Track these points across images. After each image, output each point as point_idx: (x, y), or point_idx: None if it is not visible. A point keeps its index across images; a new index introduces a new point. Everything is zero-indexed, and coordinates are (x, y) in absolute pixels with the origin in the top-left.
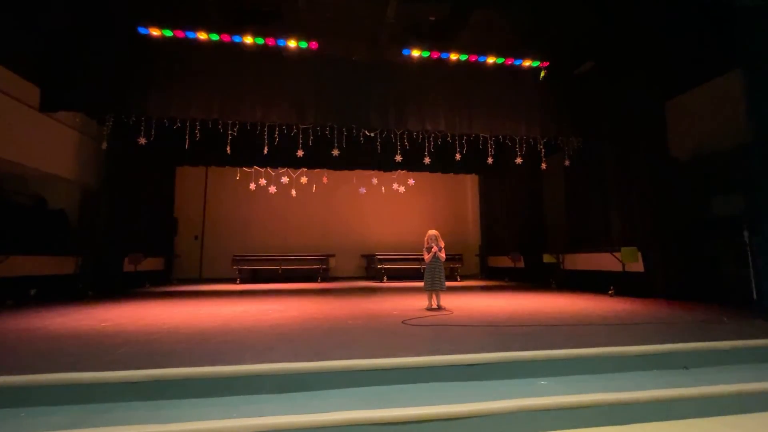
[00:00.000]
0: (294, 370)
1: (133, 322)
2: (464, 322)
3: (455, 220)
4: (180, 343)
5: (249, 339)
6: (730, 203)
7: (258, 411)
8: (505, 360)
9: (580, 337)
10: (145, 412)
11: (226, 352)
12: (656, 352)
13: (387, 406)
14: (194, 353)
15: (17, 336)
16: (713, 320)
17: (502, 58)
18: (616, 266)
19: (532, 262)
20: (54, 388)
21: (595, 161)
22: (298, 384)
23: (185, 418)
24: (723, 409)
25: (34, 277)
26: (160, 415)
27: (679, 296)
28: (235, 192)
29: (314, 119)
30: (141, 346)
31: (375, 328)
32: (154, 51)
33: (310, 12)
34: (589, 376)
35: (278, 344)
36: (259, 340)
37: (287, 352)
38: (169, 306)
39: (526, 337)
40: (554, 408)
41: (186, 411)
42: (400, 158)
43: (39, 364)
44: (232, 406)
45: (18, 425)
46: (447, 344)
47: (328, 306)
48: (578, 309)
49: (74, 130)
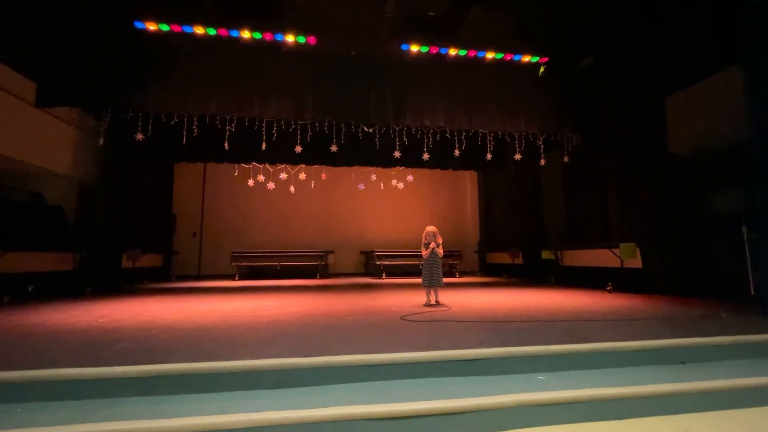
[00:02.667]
0: (293, 366)
1: (131, 318)
2: (462, 318)
3: (454, 217)
4: (178, 339)
5: (247, 335)
6: (728, 199)
7: (257, 406)
8: (504, 355)
9: (578, 332)
10: (143, 407)
11: (224, 348)
12: (654, 348)
13: (385, 401)
14: (192, 349)
15: (14, 332)
16: (711, 316)
17: (502, 54)
18: (614, 262)
19: (530, 259)
20: (51, 383)
21: (594, 157)
22: (296, 379)
23: (184, 413)
24: (720, 403)
25: (31, 273)
26: (158, 411)
27: (677, 292)
28: (233, 188)
29: (312, 115)
30: (139, 342)
31: (373, 323)
32: (151, 46)
33: (308, 6)
34: (587, 371)
35: (277, 340)
36: (257, 335)
37: (286, 347)
38: (168, 302)
39: (524, 333)
40: (552, 403)
41: (184, 406)
42: (398, 154)
43: (36, 360)
44: (230, 402)
45: (14, 421)
46: (445, 340)
47: (326, 302)
48: (576, 305)
49: (71, 126)
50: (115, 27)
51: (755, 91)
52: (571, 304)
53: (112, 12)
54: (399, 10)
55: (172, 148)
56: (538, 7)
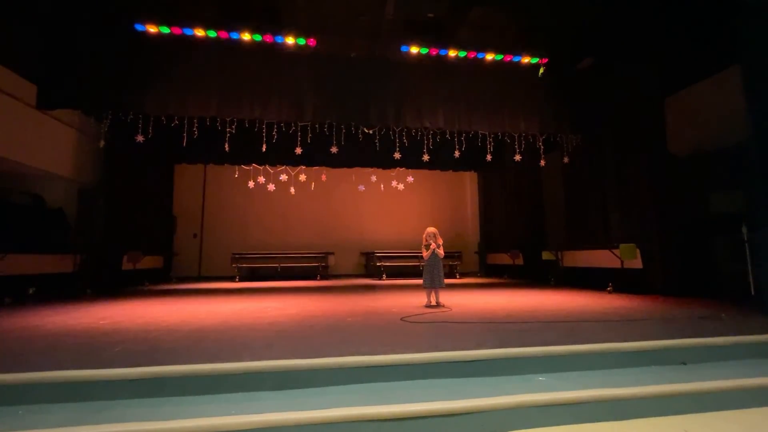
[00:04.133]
0: (293, 367)
1: (132, 320)
2: (463, 319)
3: (454, 218)
4: (179, 341)
5: (248, 336)
6: (729, 199)
7: (258, 408)
8: (504, 356)
9: (579, 333)
10: (144, 409)
11: (225, 350)
12: (654, 348)
13: (386, 402)
14: (193, 351)
15: (16, 334)
16: (711, 316)
17: (501, 55)
18: (614, 263)
19: (531, 259)
20: (52, 385)
21: (594, 158)
22: (297, 381)
23: (185, 415)
24: (721, 404)
25: (32, 275)
26: (159, 413)
27: (678, 292)
28: (233, 190)
29: (312, 116)
30: (140, 344)
31: (374, 325)
32: (151, 48)
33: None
34: (587, 372)
35: (277, 341)
36: (258, 337)
37: (286, 349)
38: (168, 304)
39: (525, 334)
40: (553, 404)
41: (186, 408)
42: (398, 156)
43: (37, 362)
44: (231, 403)
45: (16, 423)
46: (446, 341)
47: (327, 303)
48: (577, 305)
49: (72, 128)
50: (116, 29)
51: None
52: (572, 305)
53: (112, 15)
54: (398, 11)
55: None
56: (537, 9)
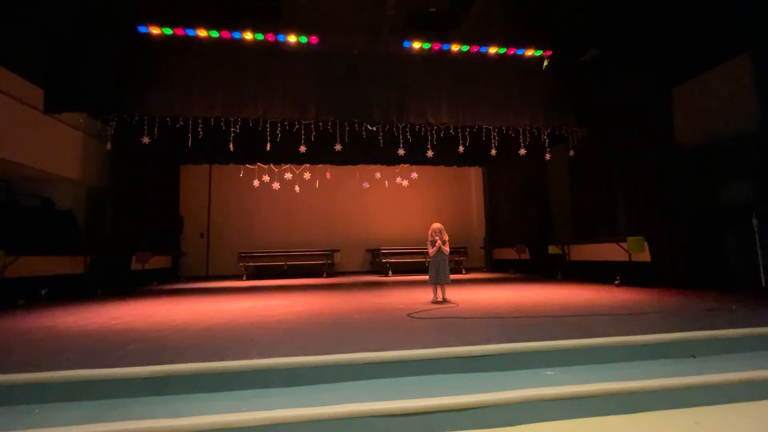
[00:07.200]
0: (302, 364)
1: (143, 320)
2: (470, 315)
3: (459, 213)
4: (189, 339)
5: (257, 334)
6: (738, 190)
7: (268, 404)
8: (512, 351)
9: (587, 327)
10: (156, 406)
11: (234, 348)
12: (663, 341)
13: (395, 397)
14: (203, 349)
15: (30, 335)
16: (721, 308)
17: (504, 48)
18: (622, 256)
19: (537, 254)
20: (67, 384)
21: (600, 150)
22: (306, 377)
23: (196, 412)
24: (731, 397)
25: (44, 277)
26: (171, 410)
27: (686, 285)
28: (239, 189)
29: (316, 114)
30: (151, 343)
31: (381, 321)
32: (155, 50)
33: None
34: (595, 365)
35: (286, 339)
36: (266, 335)
37: (295, 346)
38: (177, 303)
39: (532, 328)
40: (561, 398)
41: (196, 405)
42: (402, 152)
43: (52, 362)
44: (242, 400)
45: (32, 421)
46: (453, 336)
47: (334, 300)
48: (584, 299)
49: (79, 131)
50: (120, 32)
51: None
52: (579, 299)
53: (116, 17)
54: (400, 7)
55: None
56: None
